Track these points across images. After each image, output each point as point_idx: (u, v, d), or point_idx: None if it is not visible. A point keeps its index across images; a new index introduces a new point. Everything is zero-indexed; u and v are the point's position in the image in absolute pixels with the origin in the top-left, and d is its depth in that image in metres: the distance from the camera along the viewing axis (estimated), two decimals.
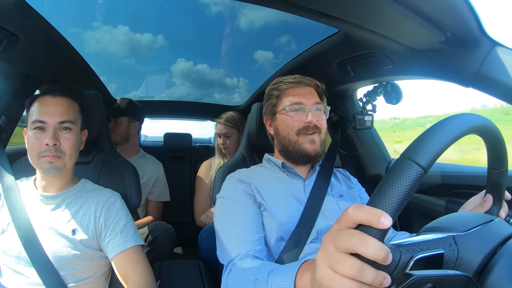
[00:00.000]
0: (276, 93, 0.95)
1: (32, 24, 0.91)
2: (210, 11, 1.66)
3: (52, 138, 0.81)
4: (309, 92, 0.92)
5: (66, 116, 0.85)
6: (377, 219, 0.31)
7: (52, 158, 0.82)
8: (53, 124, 0.83)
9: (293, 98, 0.90)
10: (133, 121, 1.74)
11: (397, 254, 0.35)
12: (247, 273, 0.63)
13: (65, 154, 0.84)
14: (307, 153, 0.87)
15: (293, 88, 0.92)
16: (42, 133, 0.82)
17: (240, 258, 0.71)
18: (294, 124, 0.88)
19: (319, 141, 0.88)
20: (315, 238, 0.80)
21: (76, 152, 0.89)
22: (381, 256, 0.31)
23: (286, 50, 1.72)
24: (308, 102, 0.89)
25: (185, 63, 2.06)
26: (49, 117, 0.83)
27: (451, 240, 0.40)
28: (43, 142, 0.81)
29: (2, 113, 1.13)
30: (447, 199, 1.14)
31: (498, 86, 0.73)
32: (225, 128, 1.72)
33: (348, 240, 0.32)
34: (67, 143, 0.84)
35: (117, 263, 0.84)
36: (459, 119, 0.40)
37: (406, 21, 0.71)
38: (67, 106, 0.87)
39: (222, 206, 0.84)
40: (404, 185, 0.33)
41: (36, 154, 0.82)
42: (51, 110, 0.84)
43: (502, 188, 0.58)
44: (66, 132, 0.85)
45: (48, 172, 0.84)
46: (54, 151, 0.82)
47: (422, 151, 0.35)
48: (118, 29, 1.75)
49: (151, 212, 1.73)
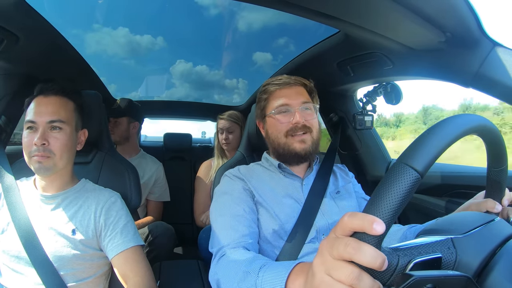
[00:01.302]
0: (264, 96, 0.95)
1: (32, 24, 0.91)
2: (209, 13, 1.70)
3: (40, 137, 0.81)
4: (296, 92, 0.91)
5: (56, 115, 0.84)
6: (370, 225, 0.32)
7: (41, 158, 0.82)
8: (42, 123, 0.83)
9: (279, 100, 0.90)
10: (133, 121, 1.74)
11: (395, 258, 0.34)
12: (237, 264, 0.62)
13: (54, 154, 0.83)
14: (297, 153, 0.87)
15: (280, 90, 0.92)
16: (33, 133, 0.83)
17: (231, 247, 0.70)
18: (281, 127, 0.88)
19: (310, 140, 0.88)
20: (314, 237, 0.80)
21: (69, 152, 0.88)
22: (377, 264, 0.31)
23: (285, 52, 1.75)
24: (294, 102, 0.88)
25: (184, 64, 2.09)
26: (39, 117, 0.83)
27: (450, 243, 0.40)
28: (33, 142, 0.81)
29: (2, 113, 1.13)
30: (447, 199, 1.14)
31: (498, 86, 0.73)
32: (228, 123, 1.73)
33: (344, 249, 0.32)
34: (56, 143, 0.83)
35: (117, 263, 0.84)
36: (456, 120, 0.40)
37: (406, 21, 0.71)
38: (58, 106, 0.86)
39: (219, 200, 0.85)
40: (399, 190, 0.33)
41: (28, 153, 0.83)
42: (41, 110, 0.84)
43: (502, 186, 0.58)
44: (56, 131, 0.84)
45: (38, 172, 0.84)
46: (43, 151, 0.81)
47: (418, 156, 0.35)
48: (118, 31, 1.77)
49: (151, 212, 1.73)
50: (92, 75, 1.53)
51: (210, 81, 2.25)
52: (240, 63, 2.09)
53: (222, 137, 1.74)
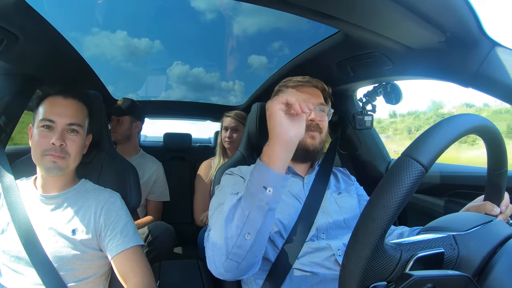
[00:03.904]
0: (284, 90, 0.96)
1: (32, 24, 0.91)
2: (205, 18, 1.75)
3: (59, 138, 0.82)
4: (315, 93, 0.93)
5: (75, 118, 0.86)
6: None
7: (57, 158, 0.83)
8: (61, 124, 0.84)
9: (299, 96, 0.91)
10: (135, 120, 1.75)
11: (397, 253, 0.35)
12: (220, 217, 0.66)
13: (69, 156, 0.85)
14: (307, 147, 0.88)
15: (301, 87, 0.94)
16: (49, 132, 0.83)
17: None
18: None
19: (319, 139, 0.89)
20: (314, 235, 0.80)
21: (81, 155, 0.90)
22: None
23: (279, 55, 1.80)
24: (313, 101, 0.89)
25: (181, 67, 2.13)
26: (58, 117, 0.84)
27: (452, 239, 0.40)
28: (49, 141, 0.82)
29: (2, 113, 1.13)
30: (447, 199, 1.14)
31: (498, 86, 0.73)
32: (234, 122, 1.73)
33: None
34: (73, 145, 0.85)
35: (117, 263, 0.84)
36: (460, 119, 0.41)
37: (406, 21, 0.71)
38: (76, 109, 0.88)
39: (218, 192, 0.84)
40: (405, 183, 0.33)
41: (41, 151, 0.83)
42: (61, 111, 0.85)
43: (501, 189, 0.58)
44: (73, 134, 0.86)
45: (50, 171, 0.84)
46: (60, 151, 0.83)
47: (423, 150, 0.36)
48: (117, 34, 1.80)
49: (151, 212, 1.73)
50: (91, 74, 1.53)
51: (207, 83, 2.30)
52: (236, 65, 2.13)
53: (226, 135, 1.73)
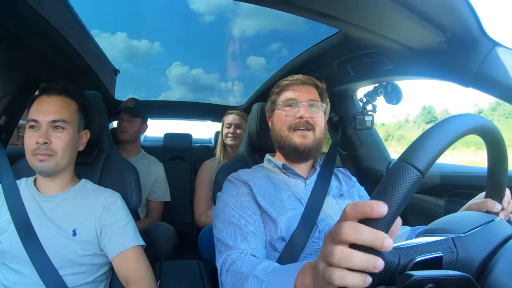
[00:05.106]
0: (276, 90, 0.98)
1: (32, 24, 0.91)
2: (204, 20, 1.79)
3: (42, 136, 0.81)
4: (306, 90, 0.93)
5: (59, 115, 0.84)
6: (371, 209, 0.31)
7: (43, 157, 0.82)
8: (45, 123, 0.83)
9: (288, 93, 0.93)
10: (144, 122, 1.80)
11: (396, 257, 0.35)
12: (246, 270, 0.62)
13: (56, 153, 0.83)
14: (296, 147, 0.87)
15: (292, 85, 0.94)
16: (34, 132, 0.83)
17: (239, 255, 0.69)
18: (286, 119, 0.90)
19: (311, 137, 0.88)
20: (316, 237, 0.80)
21: (71, 152, 0.88)
22: (378, 243, 0.30)
23: (278, 56, 1.83)
24: (302, 98, 0.90)
25: (181, 68, 2.15)
26: (41, 116, 0.83)
27: (450, 242, 0.40)
28: (35, 141, 0.81)
29: (2, 113, 1.13)
30: (447, 199, 1.14)
31: (498, 86, 0.73)
32: (238, 119, 1.75)
33: (342, 231, 0.32)
34: (58, 142, 0.84)
35: (117, 263, 0.84)
36: (456, 120, 0.40)
37: (406, 21, 0.71)
38: (61, 105, 0.86)
39: (223, 206, 0.84)
40: (401, 189, 0.33)
41: (29, 152, 0.83)
42: (44, 109, 0.84)
43: (502, 187, 0.58)
44: (59, 131, 0.84)
45: (39, 171, 0.84)
46: (45, 149, 0.82)
47: (419, 154, 0.35)
48: (117, 36, 1.83)
49: (152, 212, 1.74)
50: (92, 74, 1.53)
51: (206, 84, 2.32)
52: (235, 66, 2.15)
53: (229, 131, 1.73)
